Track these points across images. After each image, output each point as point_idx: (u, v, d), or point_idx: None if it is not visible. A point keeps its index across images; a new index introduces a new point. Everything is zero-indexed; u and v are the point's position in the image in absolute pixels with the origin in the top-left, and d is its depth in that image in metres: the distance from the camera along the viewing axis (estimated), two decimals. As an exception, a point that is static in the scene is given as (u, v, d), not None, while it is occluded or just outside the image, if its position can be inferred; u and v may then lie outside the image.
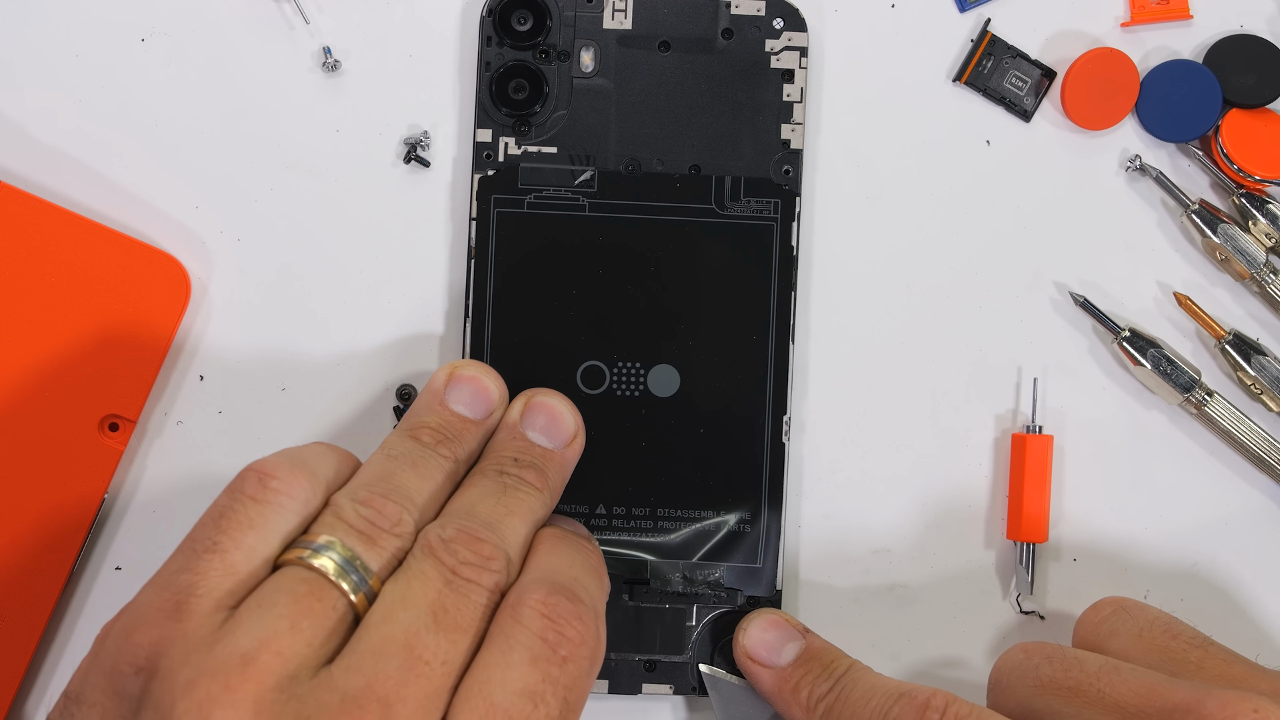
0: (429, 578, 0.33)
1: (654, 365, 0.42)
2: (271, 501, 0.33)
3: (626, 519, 0.42)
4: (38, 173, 0.42)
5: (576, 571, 0.36)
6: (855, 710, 0.37)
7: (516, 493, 0.37)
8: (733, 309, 0.42)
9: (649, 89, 0.42)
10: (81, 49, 0.43)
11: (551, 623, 0.33)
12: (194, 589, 0.31)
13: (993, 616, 0.43)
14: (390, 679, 0.30)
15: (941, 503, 0.44)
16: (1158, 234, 0.44)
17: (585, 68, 0.42)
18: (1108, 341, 0.44)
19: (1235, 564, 0.44)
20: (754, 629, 0.41)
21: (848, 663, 0.39)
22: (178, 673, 0.29)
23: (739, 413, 0.42)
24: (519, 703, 0.31)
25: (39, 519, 0.40)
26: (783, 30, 0.42)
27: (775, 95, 0.42)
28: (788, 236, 0.42)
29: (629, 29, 0.42)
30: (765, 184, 0.42)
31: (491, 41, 0.42)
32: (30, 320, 0.40)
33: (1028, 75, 0.44)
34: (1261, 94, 0.43)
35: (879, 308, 0.44)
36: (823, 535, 0.43)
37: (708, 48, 0.42)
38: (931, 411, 0.44)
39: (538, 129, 0.42)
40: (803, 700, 0.39)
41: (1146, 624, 0.38)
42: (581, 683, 0.33)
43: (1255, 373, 0.43)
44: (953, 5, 0.44)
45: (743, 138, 0.42)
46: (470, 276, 0.41)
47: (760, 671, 0.40)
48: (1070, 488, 0.44)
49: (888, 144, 0.44)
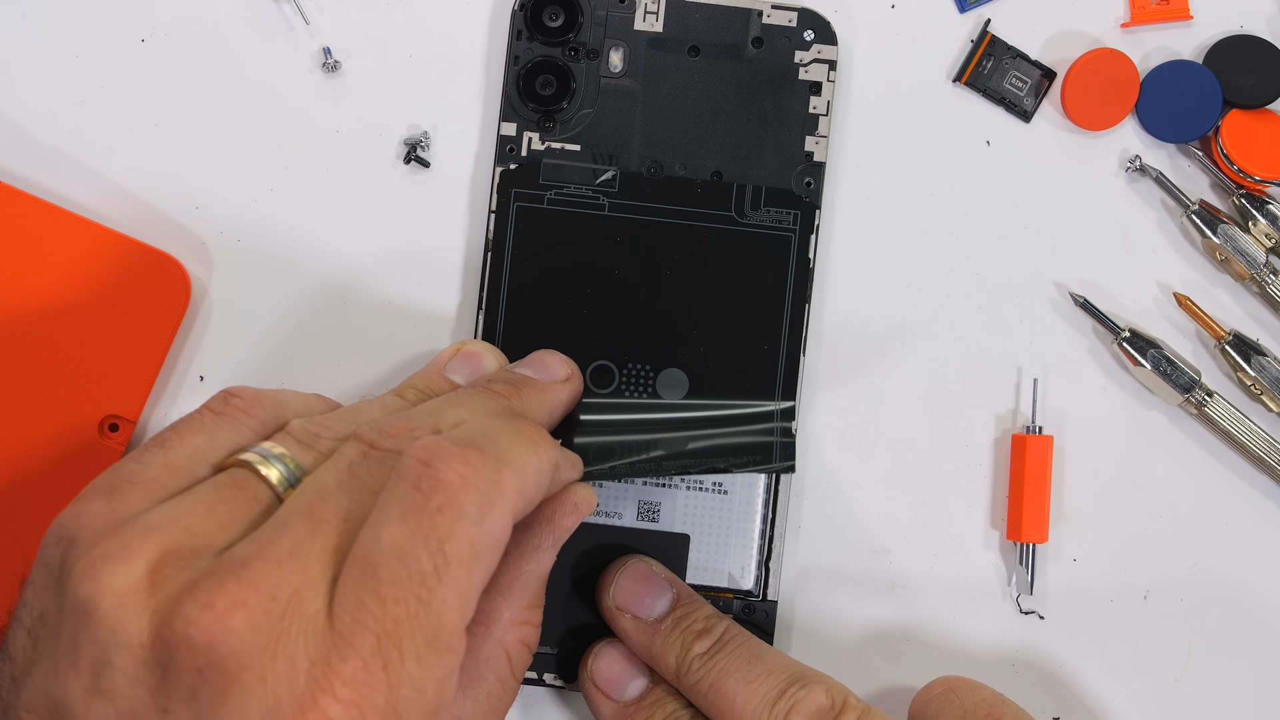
0: (345, 454, 0.31)
1: (663, 369, 0.42)
2: (229, 415, 0.33)
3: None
4: (38, 173, 0.42)
5: (490, 426, 0.32)
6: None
7: (473, 394, 0.35)
8: (746, 317, 0.42)
9: (676, 93, 0.42)
10: (81, 50, 0.43)
11: (427, 468, 0.30)
12: (133, 476, 0.31)
13: (993, 617, 0.44)
14: (284, 542, 0.29)
15: (941, 503, 0.44)
16: (1158, 234, 0.44)
17: (614, 68, 0.42)
18: (1108, 342, 0.44)
19: (1235, 564, 0.44)
20: (605, 654, 0.40)
21: (688, 716, 0.39)
22: (88, 539, 0.29)
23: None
24: (388, 560, 0.29)
25: (39, 520, 0.40)
26: (813, 43, 0.42)
27: (801, 107, 0.42)
28: (805, 249, 0.42)
29: (660, 32, 0.42)
30: (786, 195, 0.42)
31: (522, 36, 0.42)
32: (30, 320, 0.40)
33: (1028, 76, 0.44)
34: (1261, 94, 0.43)
35: (879, 308, 0.44)
36: (823, 535, 0.43)
37: (737, 55, 0.42)
38: (931, 411, 0.44)
39: (562, 125, 0.42)
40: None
41: (972, 705, 0.38)
42: (462, 532, 0.29)
43: (1255, 373, 0.43)
44: (953, 6, 0.44)
45: (766, 147, 0.42)
46: (486, 268, 0.41)
47: (601, 701, 0.40)
48: (1070, 488, 0.44)
49: (888, 144, 0.44)
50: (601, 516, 0.42)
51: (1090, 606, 0.44)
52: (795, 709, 0.36)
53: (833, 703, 0.36)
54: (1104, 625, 0.44)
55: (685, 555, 0.42)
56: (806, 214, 0.42)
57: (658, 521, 0.42)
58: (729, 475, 0.42)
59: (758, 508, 0.42)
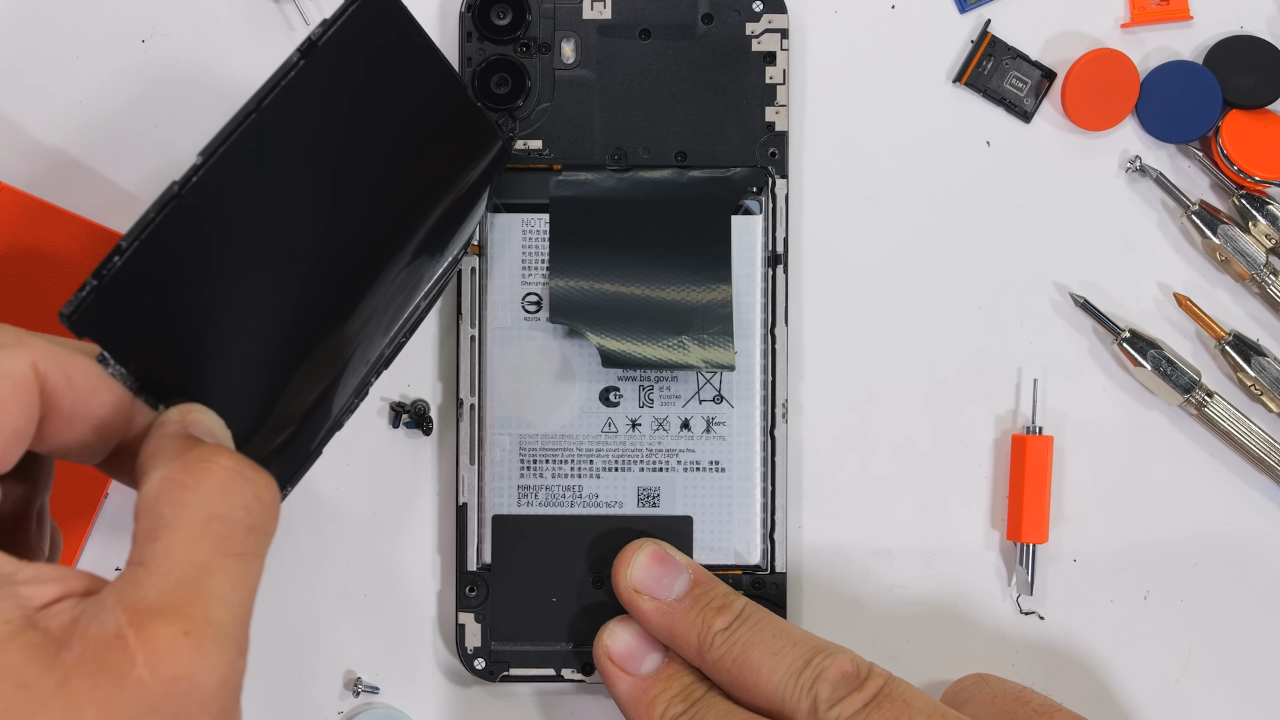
0: None
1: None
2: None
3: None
4: (38, 173, 0.42)
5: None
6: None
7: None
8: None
9: (631, 78, 0.42)
10: (82, 50, 0.42)
11: None
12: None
13: (993, 617, 0.44)
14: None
15: (941, 503, 0.44)
16: (1158, 235, 0.44)
17: (566, 59, 0.42)
18: (1108, 342, 0.44)
19: (1235, 564, 0.44)
20: (620, 631, 0.40)
21: (704, 688, 0.39)
22: None
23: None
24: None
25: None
26: (762, 13, 0.42)
27: (758, 78, 0.42)
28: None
29: (609, 18, 0.42)
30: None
31: (472, 37, 0.42)
32: (30, 321, 0.40)
33: (1028, 76, 0.44)
34: (1261, 95, 0.43)
35: (879, 308, 0.44)
36: (823, 535, 0.43)
37: (688, 34, 0.42)
38: (931, 411, 0.44)
39: (522, 123, 0.42)
40: (656, 716, 0.38)
41: (1000, 693, 0.40)
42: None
43: (1255, 373, 0.43)
44: (953, 6, 0.44)
45: (727, 122, 0.42)
46: (478, 270, 0.42)
47: (618, 676, 0.40)
48: (1070, 488, 0.44)
49: (888, 144, 0.44)
50: (602, 507, 0.42)
51: (1090, 607, 0.44)
52: (821, 677, 0.36)
53: (858, 670, 0.37)
54: (1104, 625, 0.44)
55: (690, 536, 0.42)
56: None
57: (659, 506, 0.42)
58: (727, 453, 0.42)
59: (756, 482, 0.42)
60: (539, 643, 0.42)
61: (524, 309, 0.42)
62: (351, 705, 0.43)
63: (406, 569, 0.43)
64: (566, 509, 0.42)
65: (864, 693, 0.36)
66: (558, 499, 0.42)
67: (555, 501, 0.42)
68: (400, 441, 0.43)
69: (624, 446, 0.42)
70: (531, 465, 0.42)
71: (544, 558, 0.42)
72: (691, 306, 0.41)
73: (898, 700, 0.36)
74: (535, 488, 0.42)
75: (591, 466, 0.42)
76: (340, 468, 0.43)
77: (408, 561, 0.43)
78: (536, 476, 0.42)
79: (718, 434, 0.42)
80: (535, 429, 0.42)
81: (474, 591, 0.42)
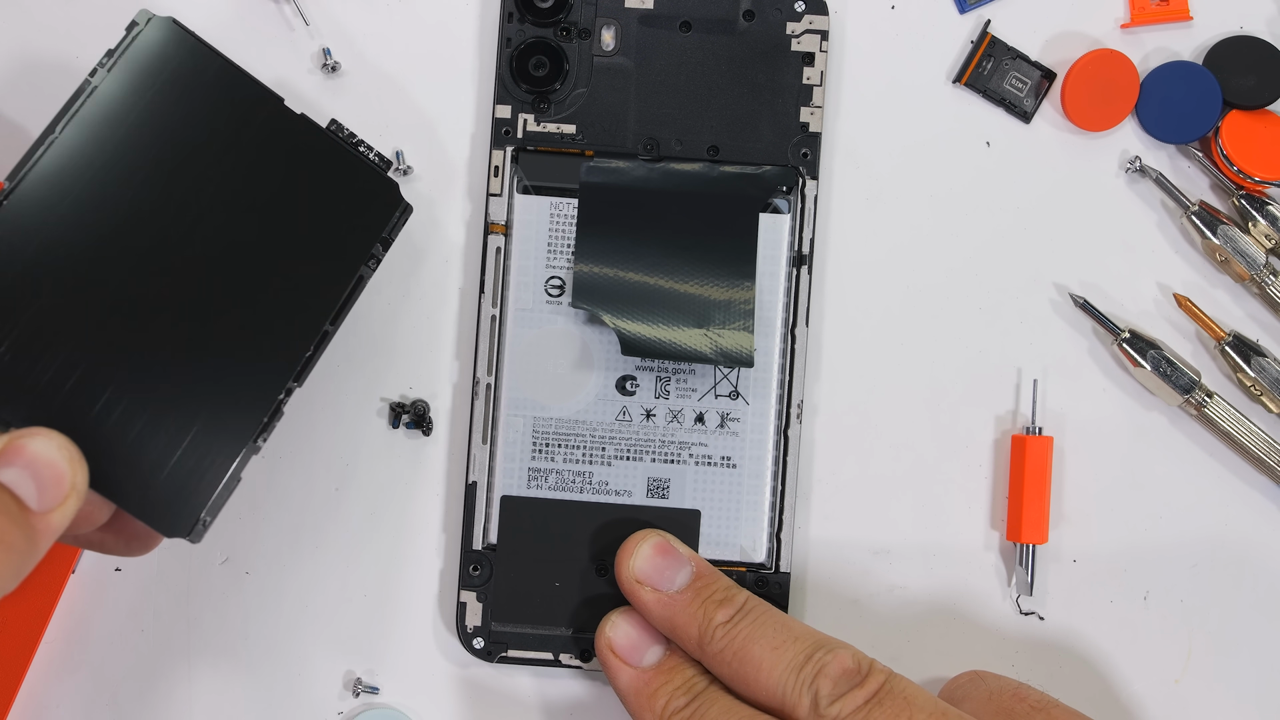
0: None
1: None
2: None
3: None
4: (38, 173, 0.42)
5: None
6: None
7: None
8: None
9: (669, 69, 0.42)
10: (82, 50, 0.42)
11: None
12: None
13: (993, 617, 0.44)
14: None
15: (941, 503, 0.44)
16: (1158, 235, 0.44)
17: (606, 46, 0.42)
18: (1108, 343, 0.44)
19: (1235, 564, 0.44)
20: (622, 623, 0.40)
21: (705, 682, 0.39)
22: None
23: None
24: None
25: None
26: (804, 13, 0.42)
27: (795, 78, 0.42)
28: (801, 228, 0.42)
29: (650, 8, 0.42)
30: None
31: (513, 18, 0.42)
32: None
33: (1028, 76, 0.44)
34: (1261, 95, 0.43)
35: (879, 308, 0.44)
36: (823, 535, 0.43)
37: (729, 29, 0.42)
38: (931, 412, 0.44)
39: (557, 106, 0.42)
40: (658, 709, 0.38)
41: (997, 689, 0.40)
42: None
43: (1255, 374, 0.43)
44: (953, 6, 0.44)
45: (761, 120, 0.42)
46: (503, 250, 0.42)
47: (620, 668, 0.40)
48: (1070, 489, 0.44)
49: (888, 144, 0.44)
50: (611, 495, 0.42)
51: (1090, 607, 0.44)
52: (822, 672, 0.36)
53: (859, 666, 0.37)
54: (1104, 626, 0.44)
55: (697, 530, 0.42)
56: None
57: (668, 498, 0.42)
58: (739, 449, 0.42)
59: (767, 480, 0.42)
60: (539, 626, 0.42)
61: (547, 292, 0.42)
62: (351, 705, 0.43)
63: (406, 562, 0.43)
64: (575, 494, 0.42)
65: (865, 689, 0.36)
66: (567, 484, 0.42)
67: (565, 486, 0.42)
68: (400, 442, 0.43)
69: (637, 436, 0.42)
70: (544, 448, 0.42)
71: (550, 542, 0.42)
72: (714, 300, 0.41)
73: (899, 697, 0.36)
74: (546, 471, 0.42)
75: (603, 454, 0.42)
76: (340, 468, 0.43)
77: (408, 555, 0.43)
78: (548, 460, 0.42)
79: (731, 430, 0.42)
80: (549, 412, 0.42)
81: (478, 570, 0.42)
